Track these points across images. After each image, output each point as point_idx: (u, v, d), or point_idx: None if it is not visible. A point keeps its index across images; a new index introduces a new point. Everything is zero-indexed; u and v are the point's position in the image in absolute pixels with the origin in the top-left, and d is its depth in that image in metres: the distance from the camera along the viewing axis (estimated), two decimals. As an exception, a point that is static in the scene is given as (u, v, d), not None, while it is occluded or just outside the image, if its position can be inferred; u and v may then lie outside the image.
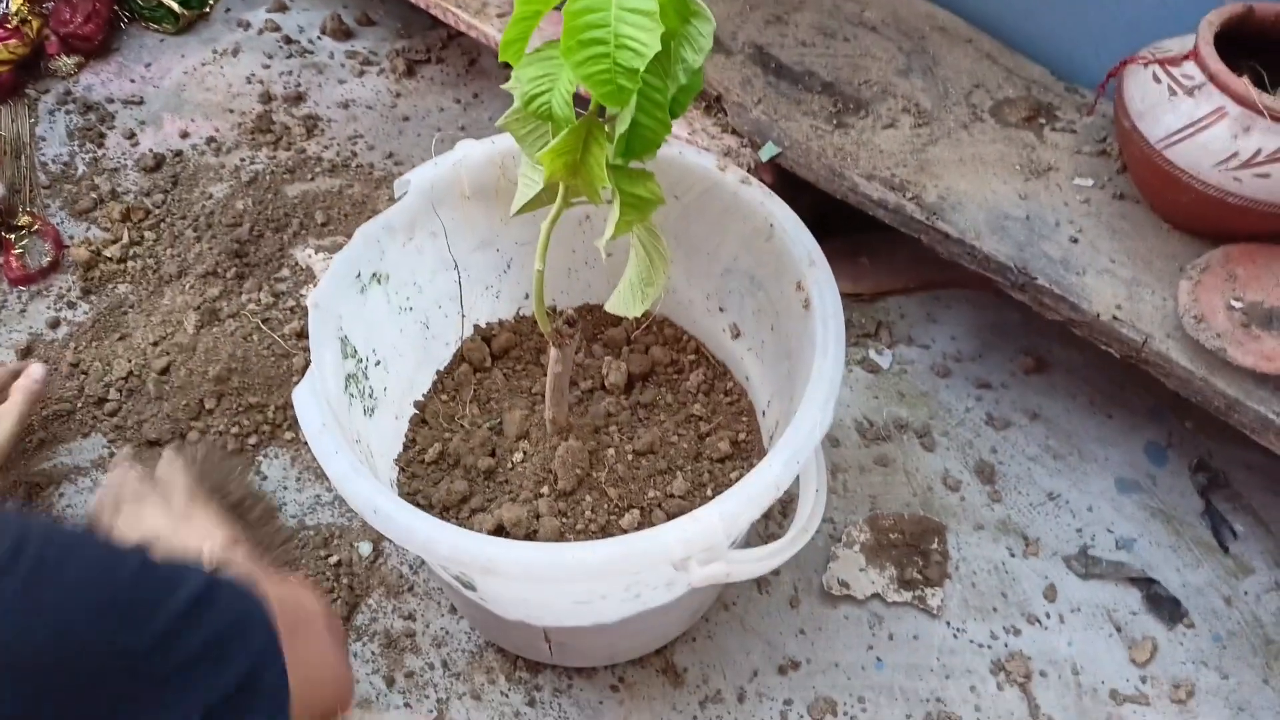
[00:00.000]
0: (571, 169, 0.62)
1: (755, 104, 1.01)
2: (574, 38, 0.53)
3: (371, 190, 1.24)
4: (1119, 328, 0.85)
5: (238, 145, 1.30)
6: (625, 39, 0.53)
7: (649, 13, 0.53)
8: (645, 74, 0.54)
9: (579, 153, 0.61)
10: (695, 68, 0.60)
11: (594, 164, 0.61)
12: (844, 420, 1.05)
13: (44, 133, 1.31)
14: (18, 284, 1.15)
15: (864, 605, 0.92)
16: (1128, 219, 0.93)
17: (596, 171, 0.61)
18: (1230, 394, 0.82)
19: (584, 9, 0.53)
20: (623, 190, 0.62)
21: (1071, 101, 1.03)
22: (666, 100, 0.60)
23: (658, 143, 0.61)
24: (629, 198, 0.63)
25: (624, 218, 0.63)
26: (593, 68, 0.54)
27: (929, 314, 1.15)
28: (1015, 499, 1.00)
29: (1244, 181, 0.82)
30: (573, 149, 0.61)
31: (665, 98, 0.59)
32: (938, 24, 1.10)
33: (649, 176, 0.62)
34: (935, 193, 0.94)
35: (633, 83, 0.54)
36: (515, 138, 0.65)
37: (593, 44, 0.53)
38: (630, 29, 0.53)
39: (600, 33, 0.53)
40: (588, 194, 0.64)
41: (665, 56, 0.58)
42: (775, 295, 0.81)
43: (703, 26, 0.59)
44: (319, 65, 1.41)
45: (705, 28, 0.59)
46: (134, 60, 1.41)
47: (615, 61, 0.53)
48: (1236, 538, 0.97)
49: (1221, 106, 0.82)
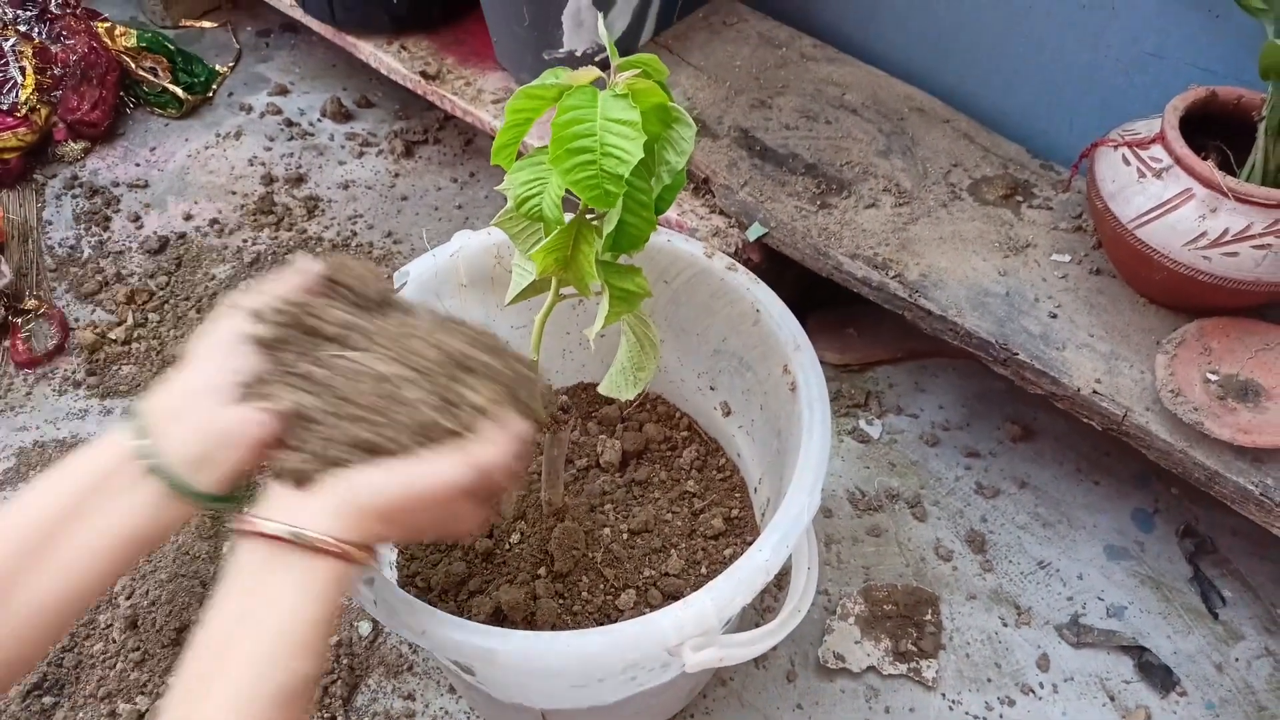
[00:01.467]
0: (562, 265, 0.65)
1: (741, 185, 1.04)
2: (561, 146, 0.56)
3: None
4: (1099, 401, 0.88)
5: (240, 226, 1.33)
6: (610, 147, 0.56)
7: (632, 123, 0.56)
8: (630, 177, 0.57)
9: (569, 250, 0.64)
10: (678, 169, 0.63)
11: (584, 260, 0.64)
12: (836, 491, 1.06)
13: (51, 217, 1.35)
14: (24, 367, 1.17)
15: (860, 678, 0.93)
16: (1105, 294, 0.96)
17: (586, 268, 0.64)
18: (1210, 466, 0.84)
19: (571, 120, 0.56)
20: (611, 285, 0.65)
21: (1047, 179, 1.06)
22: (651, 200, 0.63)
23: (644, 239, 0.63)
24: (617, 291, 0.65)
25: (613, 310, 0.66)
26: (580, 174, 0.56)
27: (917, 383, 1.17)
28: (1006, 568, 1.01)
29: (1213, 260, 0.84)
30: (563, 246, 0.64)
31: (650, 197, 0.62)
32: (916, 105, 1.14)
33: (636, 271, 0.65)
34: (917, 270, 0.97)
35: (618, 187, 0.57)
36: (509, 234, 0.68)
37: (580, 152, 0.56)
38: (615, 138, 0.56)
39: (586, 141, 0.56)
40: (578, 288, 0.66)
41: (649, 159, 0.61)
42: (763, 376, 0.84)
43: (684, 131, 0.62)
44: (319, 147, 1.45)
45: (686, 132, 0.62)
46: (139, 144, 1.45)
47: (601, 168, 0.56)
48: (1225, 604, 0.99)
49: (1189, 188, 0.85)
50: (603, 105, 0.55)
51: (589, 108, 0.55)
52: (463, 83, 1.23)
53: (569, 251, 0.64)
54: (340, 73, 1.57)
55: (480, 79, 1.23)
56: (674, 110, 0.61)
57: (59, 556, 0.48)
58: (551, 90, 0.57)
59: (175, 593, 0.96)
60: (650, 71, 0.58)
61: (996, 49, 1.12)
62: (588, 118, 0.56)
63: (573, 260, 0.65)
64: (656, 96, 0.57)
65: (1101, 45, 1.04)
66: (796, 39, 1.23)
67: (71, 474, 0.50)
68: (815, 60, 1.20)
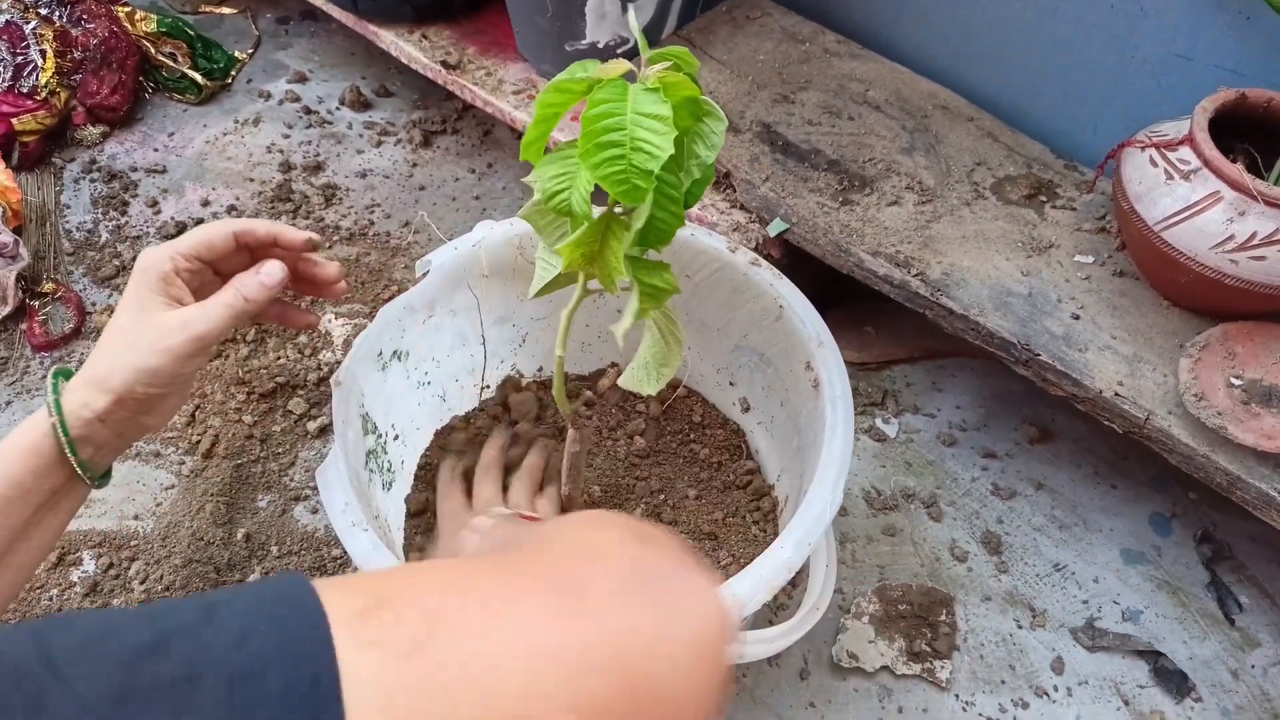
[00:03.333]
0: (589, 260, 0.64)
1: (763, 181, 1.04)
2: (591, 141, 0.56)
3: (388, 258, 1.27)
4: (1121, 404, 0.87)
5: (258, 213, 1.33)
6: (640, 142, 0.55)
7: (663, 118, 0.55)
8: (660, 172, 0.56)
9: (597, 245, 0.64)
10: (708, 163, 0.62)
11: (611, 256, 0.63)
12: (852, 489, 1.06)
13: (69, 200, 1.35)
14: (40, 350, 1.18)
15: (873, 678, 0.93)
16: (1128, 296, 0.95)
17: (614, 263, 0.63)
18: (1232, 471, 0.83)
19: (601, 114, 0.55)
20: (640, 280, 0.64)
21: (1071, 179, 1.06)
22: (681, 195, 0.62)
23: (672, 234, 0.63)
24: (646, 288, 0.65)
25: (642, 306, 0.65)
26: (609, 169, 0.56)
27: (934, 383, 1.17)
28: (1022, 570, 1.01)
29: (1240, 264, 0.84)
30: (591, 241, 0.63)
31: (679, 192, 0.62)
32: (940, 103, 1.13)
33: (665, 267, 0.65)
34: (939, 269, 0.96)
35: (648, 183, 0.56)
36: (535, 228, 0.68)
37: (609, 146, 0.56)
38: (645, 133, 0.55)
39: (617, 135, 0.55)
40: (604, 284, 0.66)
41: (679, 154, 0.61)
42: (784, 373, 0.83)
43: (714, 125, 0.62)
44: (338, 135, 1.45)
45: (717, 125, 0.62)
46: (157, 130, 1.45)
47: (631, 163, 0.55)
48: (1242, 610, 0.98)
49: (1217, 191, 0.84)
50: (633, 99, 0.55)
51: (619, 101, 0.55)
52: (484, 73, 1.22)
53: (597, 247, 0.64)
54: (359, 61, 1.57)
55: (501, 69, 1.23)
56: (705, 104, 0.60)
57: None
58: (581, 84, 0.57)
59: (189, 578, 0.96)
60: (681, 64, 0.58)
61: (1022, 48, 1.11)
62: (618, 111, 0.55)
63: (600, 255, 0.64)
64: (688, 90, 0.57)
65: (1129, 46, 1.03)
66: (820, 34, 1.22)
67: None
68: (838, 56, 1.19)
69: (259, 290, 0.64)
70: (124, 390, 0.60)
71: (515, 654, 0.30)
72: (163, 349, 0.60)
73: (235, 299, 0.63)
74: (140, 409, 0.62)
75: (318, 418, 1.09)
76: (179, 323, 0.61)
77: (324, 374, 1.13)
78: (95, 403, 0.60)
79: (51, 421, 0.60)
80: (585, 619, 0.32)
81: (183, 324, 0.61)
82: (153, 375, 0.61)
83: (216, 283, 0.67)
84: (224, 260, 0.67)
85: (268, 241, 0.68)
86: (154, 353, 0.60)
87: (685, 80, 0.57)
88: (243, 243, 0.67)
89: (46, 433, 0.60)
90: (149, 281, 0.62)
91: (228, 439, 1.07)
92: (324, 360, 1.15)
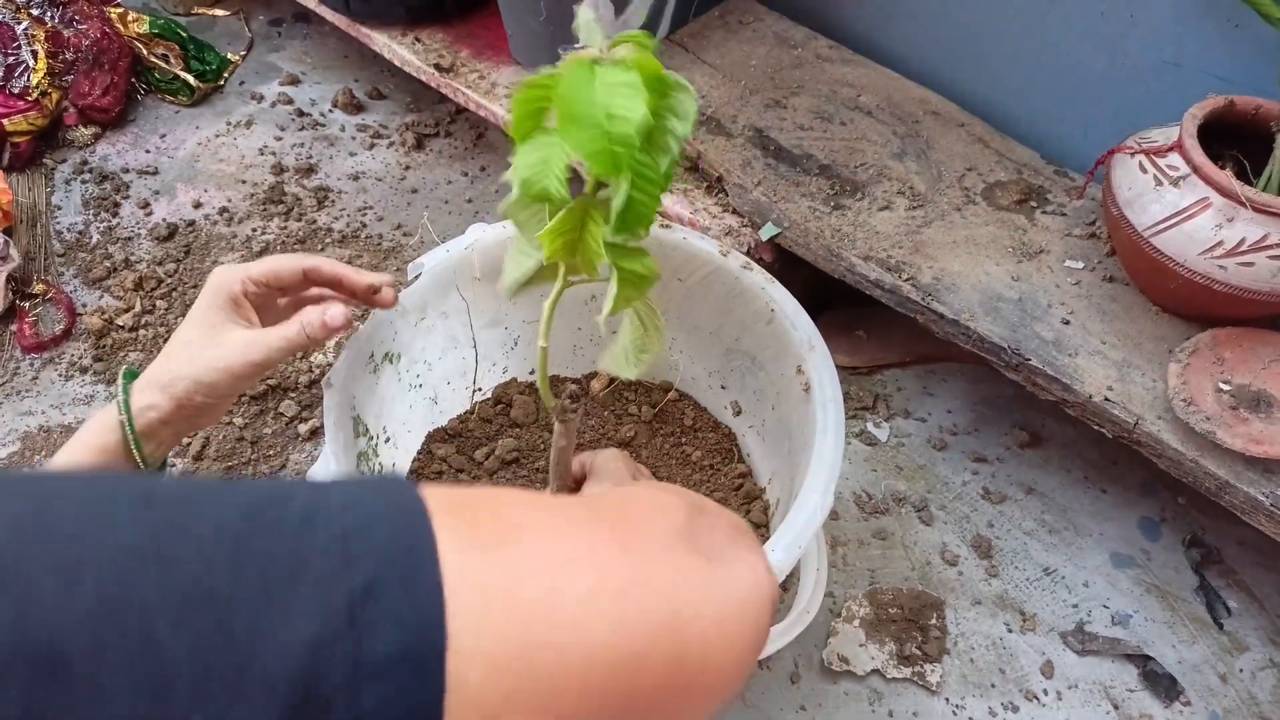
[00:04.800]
0: (570, 248, 0.65)
1: (755, 185, 1.04)
2: (568, 116, 0.56)
3: (380, 261, 1.27)
4: (1111, 409, 0.87)
5: (250, 215, 1.33)
6: (613, 110, 0.56)
7: (631, 84, 0.56)
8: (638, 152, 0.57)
9: (577, 232, 0.64)
10: (684, 135, 0.63)
11: (591, 241, 0.64)
12: (843, 493, 1.06)
13: (60, 201, 1.34)
14: (30, 351, 1.17)
15: (864, 681, 0.93)
16: (1118, 301, 0.95)
17: (594, 248, 0.63)
18: (1220, 475, 0.84)
19: (573, 91, 0.56)
20: (620, 267, 0.64)
21: (1061, 185, 1.06)
22: (658, 175, 0.62)
23: (650, 217, 0.63)
24: (626, 274, 0.65)
25: (621, 293, 0.65)
26: (590, 145, 0.57)
27: (925, 387, 1.17)
28: (1012, 574, 1.01)
29: (1229, 269, 0.84)
30: (571, 228, 0.63)
31: (657, 174, 0.62)
32: (931, 108, 1.14)
33: (644, 253, 0.65)
34: (930, 274, 0.96)
35: (628, 148, 0.57)
36: (515, 223, 0.68)
37: (584, 118, 0.56)
38: (617, 99, 0.56)
39: (590, 108, 0.56)
40: (586, 270, 0.66)
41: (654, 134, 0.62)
42: (776, 377, 0.84)
43: (683, 97, 0.62)
44: (330, 138, 1.44)
45: (686, 97, 0.62)
46: (149, 131, 1.45)
47: (607, 130, 0.56)
48: (1230, 614, 0.98)
49: (1205, 197, 0.85)
50: (600, 73, 0.56)
51: (587, 77, 0.56)
52: (477, 76, 1.22)
53: (577, 234, 0.64)
54: (352, 64, 1.57)
55: (494, 73, 1.23)
56: (669, 78, 0.61)
57: None
58: (553, 80, 0.57)
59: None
60: (640, 44, 0.58)
61: (1013, 54, 1.12)
62: (588, 86, 0.56)
63: (580, 242, 0.65)
64: (651, 66, 0.57)
65: (1119, 53, 1.03)
66: (812, 39, 1.23)
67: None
68: (831, 61, 1.20)
69: (321, 331, 0.68)
70: (184, 398, 0.65)
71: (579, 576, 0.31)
72: (222, 368, 0.65)
73: (298, 336, 0.67)
74: (195, 413, 0.67)
75: (309, 420, 1.09)
76: (241, 345, 0.66)
77: (315, 376, 1.13)
78: (160, 405, 0.65)
79: (120, 419, 0.64)
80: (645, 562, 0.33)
81: (244, 348, 0.66)
82: (211, 389, 0.65)
83: (278, 302, 0.73)
84: (291, 287, 0.72)
85: (333, 281, 0.72)
86: (214, 370, 0.65)
87: (648, 57, 0.57)
88: (310, 279, 0.72)
89: (114, 429, 0.64)
90: (219, 301, 0.67)
91: (218, 441, 1.07)
92: (315, 362, 1.15)
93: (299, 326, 0.68)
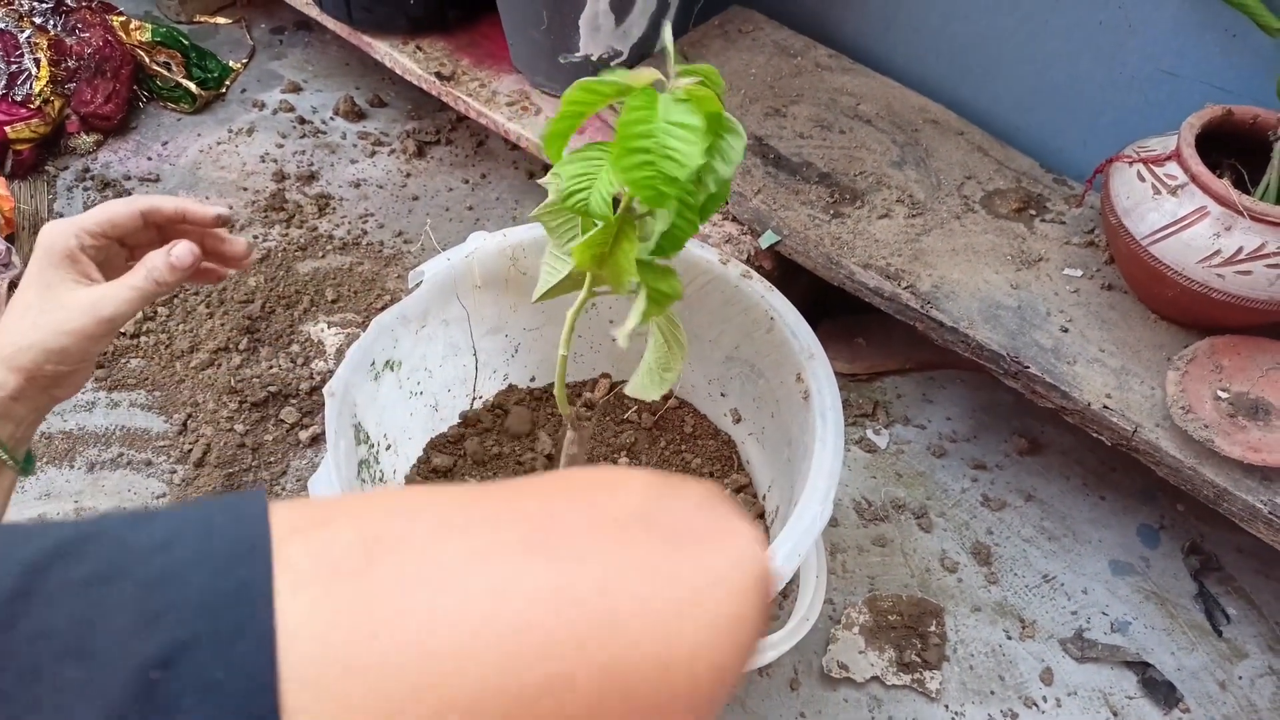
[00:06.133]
0: (599, 261, 0.65)
1: (755, 193, 1.04)
2: (624, 145, 0.57)
3: (381, 268, 1.27)
4: (1109, 416, 0.88)
5: (251, 223, 1.33)
6: (670, 150, 0.56)
7: (693, 128, 0.56)
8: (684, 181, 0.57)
9: (609, 247, 0.65)
10: (725, 178, 0.63)
11: (623, 258, 0.64)
12: (843, 500, 1.06)
13: (62, 209, 1.35)
14: (32, 358, 1.17)
15: (863, 688, 0.93)
16: (1116, 309, 0.96)
17: (625, 265, 0.64)
18: (1219, 483, 0.84)
19: (635, 120, 0.56)
20: (649, 284, 0.65)
21: (1060, 193, 1.06)
22: (698, 205, 0.63)
23: (684, 242, 0.64)
24: (654, 292, 0.65)
25: (648, 310, 0.66)
26: (639, 174, 0.57)
27: (924, 394, 1.17)
28: (1011, 581, 1.01)
29: (1226, 278, 0.85)
30: (604, 243, 0.64)
31: (697, 202, 0.63)
32: (930, 117, 1.14)
33: (672, 273, 0.65)
34: (929, 282, 0.97)
35: (672, 189, 0.57)
36: (546, 228, 0.68)
37: (640, 152, 0.57)
38: (676, 141, 0.56)
39: (648, 143, 0.56)
40: (614, 286, 0.67)
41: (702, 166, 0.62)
42: (775, 384, 0.84)
43: (734, 141, 0.62)
44: (331, 145, 1.45)
45: (737, 143, 0.62)
46: (151, 139, 1.46)
47: (659, 170, 0.57)
48: (1229, 621, 0.99)
49: (1203, 206, 0.85)
50: (664, 108, 0.56)
51: (650, 109, 0.56)
52: (477, 84, 1.23)
53: (608, 249, 0.65)
54: (354, 71, 1.57)
55: (495, 81, 1.23)
56: (728, 120, 0.61)
57: None
58: (610, 86, 0.58)
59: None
60: (708, 81, 0.59)
61: (1012, 63, 1.12)
62: (650, 119, 0.57)
63: (611, 257, 0.65)
64: (713, 106, 0.58)
65: (1118, 63, 1.04)
66: (811, 48, 1.23)
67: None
68: (830, 70, 1.20)
69: (169, 272, 0.63)
70: (33, 369, 0.60)
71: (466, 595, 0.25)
72: (71, 330, 0.60)
73: (145, 282, 0.62)
74: (50, 384, 0.62)
75: (310, 427, 1.10)
76: (88, 304, 0.60)
77: (316, 383, 1.14)
78: (7, 383, 0.59)
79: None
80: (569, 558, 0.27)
81: (91, 305, 0.60)
82: (62, 355, 0.60)
83: (122, 256, 0.67)
84: (130, 236, 0.66)
85: (176, 218, 0.67)
86: (61, 334, 0.59)
87: (711, 96, 0.58)
88: (150, 220, 0.66)
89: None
90: (54, 260, 0.61)
91: (219, 448, 1.07)
92: (316, 369, 1.15)
93: (144, 272, 0.62)
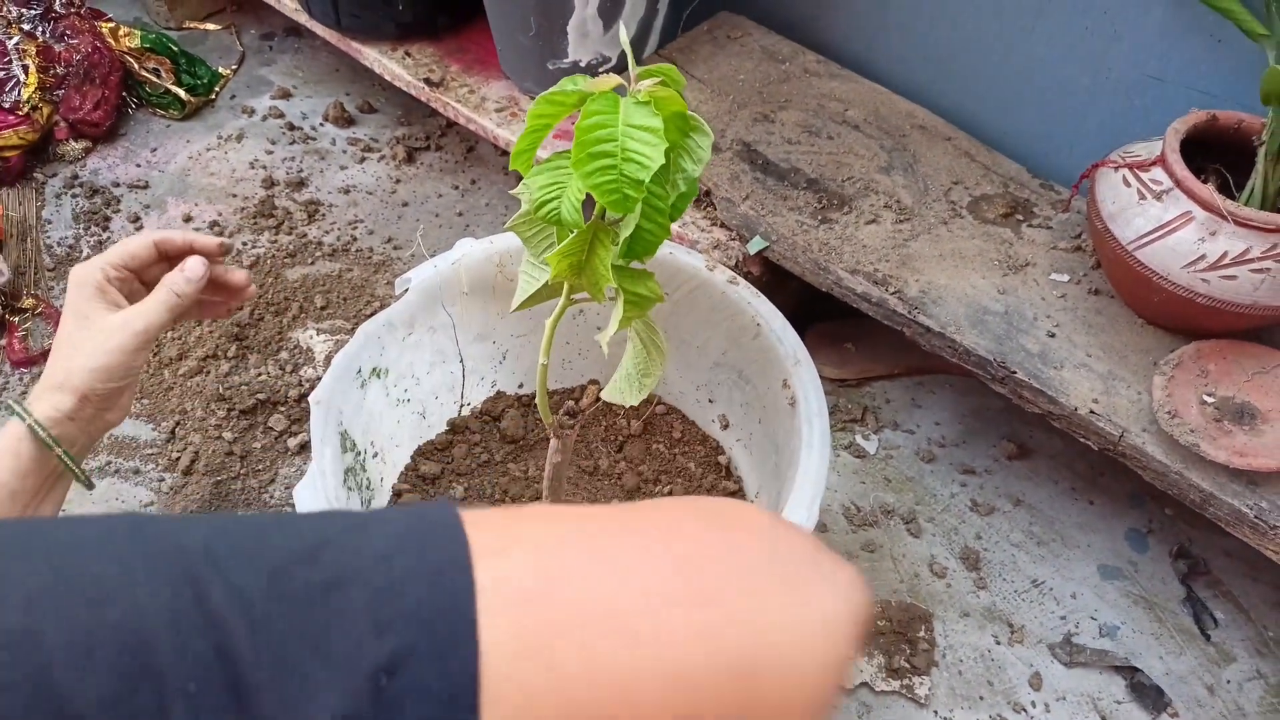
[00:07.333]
0: (576, 269, 0.65)
1: (743, 199, 1.05)
2: (584, 150, 0.56)
3: (370, 274, 1.27)
4: (1096, 421, 0.88)
5: (240, 229, 1.33)
6: (631, 153, 0.56)
7: (654, 130, 0.56)
8: (649, 184, 0.57)
9: (584, 254, 0.65)
10: (694, 177, 0.63)
11: (599, 265, 0.64)
12: (831, 506, 1.06)
13: (50, 216, 1.35)
14: (19, 366, 1.17)
15: (852, 694, 0.93)
16: (1103, 314, 0.96)
17: (602, 272, 0.64)
18: (1205, 488, 0.84)
19: (594, 125, 0.56)
20: (625, 289, 0.65)
21: (1047, 198, 1.07)
22: (667, 207, 0.63)
23: (657, 245, 0.64)
24: (631, 296, 0.65)
25: (626, 314, 0.66)
26: (601, 178, 0.57)
27: (913, 399, 1.17)
28: (1000, 586, 1.01)
29: (1211, 283, 0.85)
30: (579, 251, 0.64)
31: (666, 204, 0.63)
32: (918, 122, 1.14)
33: (649, 276, 0.65)
34: (917, 287, 0.97)
35: (637, 193, 0.57)
36: (521, 238, 0.68)
37: (601, 156, 0.56)
38: (636, 144, 0.56)
39: (608, 146, 0.56)
40: (592, 293, 0.67)
41: (666, 167, 0.62)
42: (762, 390, 0.84)
43: (701, 140, 0.63)
44: (321, 151, 1.45)
45: (704, 141, 0.63)
46: (140, 145, 1.45)
47: (621, 173, 0.56)
48: (1218, 625, 0.99)
49: (1188, 211, 0.86)
50: (625, 112, 0.56)
51: (611, 113, 0.56)
52: (466, 90, 1.23)
53: (584, 256, 0.65)
54: (343, 77, 1.57)
55: (484, 87, 1.23)
56: (693, 119, 0.61)
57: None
58: (571, 96, 0.58)
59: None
60: (669, 80, 0.59)
61: (999, 69, 1.13)
62: (610, 123, 0.56)
63: (588, 264, 0.65)
64: (676, 105, 0.58)
65: (1104, 68, 1.04)
66: (800, 54, 1.23)
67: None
68: (818, 76, 1.20)
69: (186, 284, 0.73)
70: (85, 389, 0.68)
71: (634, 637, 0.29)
72: (111, 348, 0.69)
73: (168, 295, 0.72)
74: (102, 405, 0.70)
75: (298, 434, 1.09)
76: (121, 322, 0.70)
77: (305, 390, 1.13)
78: (63, 404, 0.67)
79: (27, 424, 0.67)
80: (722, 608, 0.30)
81: (124, 323, 0.70)
82: (107, 372, 0.69)
83: (143, 291, 0.76)
84: (147, 270, 0.76)
85: (185, 249, 0.77)
86: (103, 352, 0.68)
87: (674, 95, 0.58)
88: (163, 251, 0.76)
89: (22, 436, 0.67)
90: (86, 293, 0.71)
91: (208, 455, 1.07)
92: (305, 376, 1.15)
93: (166, 289, 0.72)
